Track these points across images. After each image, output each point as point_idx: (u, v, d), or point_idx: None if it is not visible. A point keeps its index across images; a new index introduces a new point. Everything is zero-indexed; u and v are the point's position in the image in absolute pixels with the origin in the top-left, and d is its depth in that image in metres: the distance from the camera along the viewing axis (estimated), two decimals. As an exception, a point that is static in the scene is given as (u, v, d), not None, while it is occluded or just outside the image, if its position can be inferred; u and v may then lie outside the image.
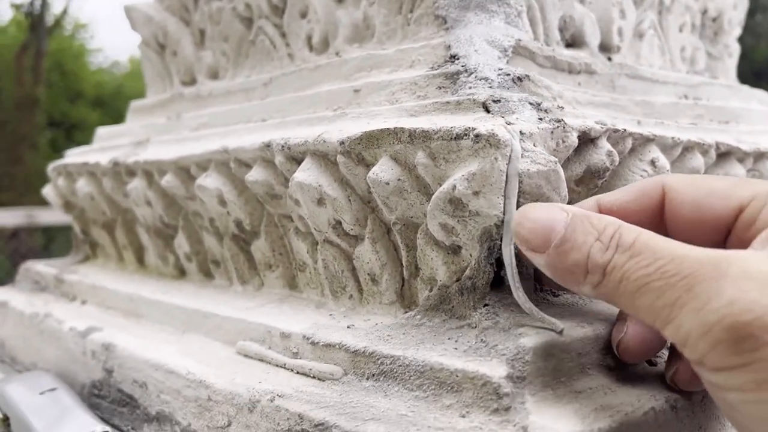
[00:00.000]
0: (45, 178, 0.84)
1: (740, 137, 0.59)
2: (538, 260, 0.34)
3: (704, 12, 0.74)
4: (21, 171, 7.68)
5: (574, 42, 0.57)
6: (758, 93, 0.75)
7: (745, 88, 0.73)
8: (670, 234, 0.35)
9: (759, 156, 0.58)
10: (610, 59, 0.58)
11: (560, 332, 0.37)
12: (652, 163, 0.46)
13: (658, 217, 0.36)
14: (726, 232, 0.33)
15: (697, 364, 0.28)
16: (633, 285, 0.29)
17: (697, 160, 0.51)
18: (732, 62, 0.78)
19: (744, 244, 0.32)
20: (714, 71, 0.74)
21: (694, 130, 0.54)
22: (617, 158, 0.43)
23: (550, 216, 0.34)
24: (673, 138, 0.48)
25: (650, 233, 0.31)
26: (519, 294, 0.37)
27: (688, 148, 0.50)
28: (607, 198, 0.37)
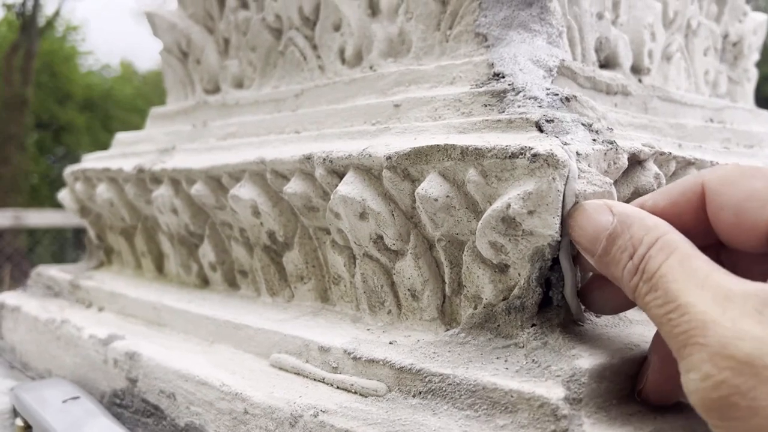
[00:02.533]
0: (31, 178, 0.83)
1: (767, 161, 0.59)
2: (590, 260, 0.36)
3: (725, 36, 0.75)
4: (8, 171, 7.61)
5: (607, 63, 0.58)
6: (776, 118, 0.76)
7: (765, 112, 0.74)
8: (717, 233, 0.34)
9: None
10: (640, 81, 0.59)
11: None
12: (693, 186, 0.47)
13: (703, 219, 0.34)
14: (767, 238, 0.32)
15: None
16: (653, 318, 0.31)
17: (732, 184, 0.51)
18: (750, 87, 0.79)
19: None
20: (734, 95, 0.75)
21: (728, 153, 0.55)
22: (664, 180, 0.43)
23: (596, 222, 0.35)
24: (711, 162, 0.49)
25: (680, 258, 0.31)
26: (572, 299, 0.38)
27: (725, 172, 0.51)
28: (650, 202, 0.36)
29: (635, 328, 0.43)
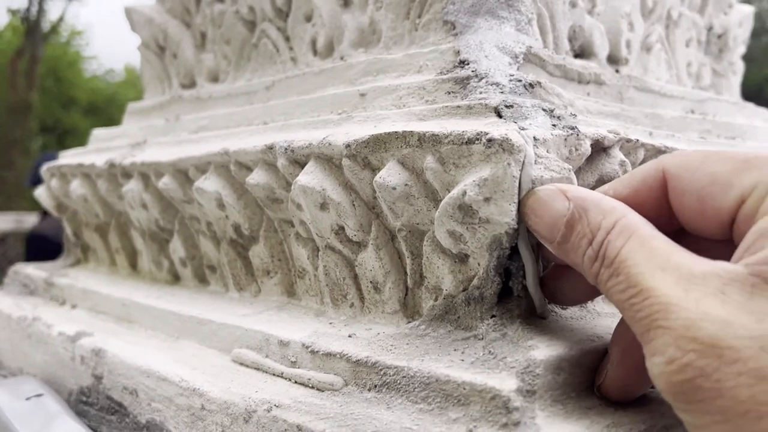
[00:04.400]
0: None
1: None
2: (549, 248, 0.35)
3: (710, 29, 0.73)
4: (11, 175, 7.64)
5: (582, 52, 0.56)
6: (762, 111, 0.75)
7: (750, 105, 0.73)
8: (679, 220, 0.33)
9: (767, 172, 0.57)
10: (617, 71, 0.58)
11: None
12: (664, 175, 0.45)
13: (665, 206, 0.33)
14: (730, 222, 0.31)
15: None
16: (616, 304, 0.30)
17: (707, 174, 0.50)
18: (736, 80, 0.77)
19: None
20: (719, 88, 0.74)
21: (704, 143, 0.54)
22: (630, 168, 0.42)
23: (552, 209, 0.34)
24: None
25: (639, 240, 0.30)
26: (533, 288, 0.37)
27: (699, 161, 0.49)
28: (610, 192, 0.35)
29: (602, 321, 0.42)
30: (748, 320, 0.26)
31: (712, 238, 0.32)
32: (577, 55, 0.56)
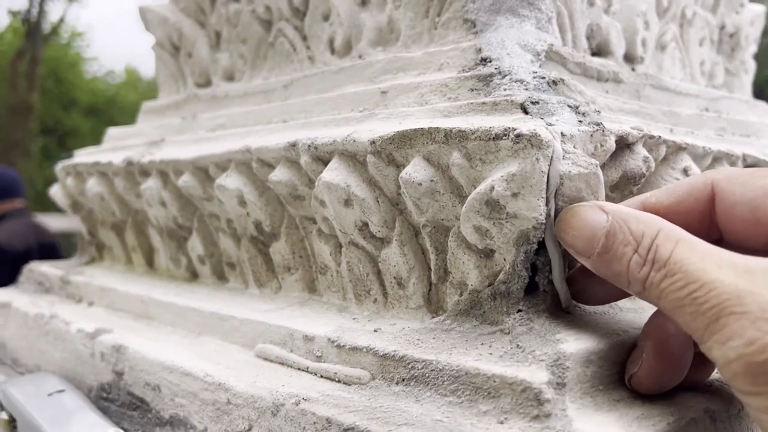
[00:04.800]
0: (36, 184, 0.83)
1: (764, 150, 0.58)
2: (586, 263, 0.35)
3: (722, 27, 0.74)
4: (12, 177, 7.63)
5: (599, 51, 0.57)
6: (774, 109, 0.75)
7: (762, 103, 0.74)
8: (723, 233, 0.35)
9: (783, 170, 0.57)
10: (633, 69, 0.58)
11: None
12: (685, 171, 0.46)
13: (708, 218, 0.35)
14: None
15: (728, 384, 0.30)
16: (670, 304, 0.31)
17: (726, 171, 0.50)
18: (748, 78, 0.78)
19: None
20: (731, 86, 0.74)
21: (722, 141, 0.54)
22: (653, 164, 0.42)
23: (591, 222, 0.34)
24: (704, 147, 0.48)
25: (687, 243, 0.31)
26: (560, 284, 0.38)
27: (718, 158, 0.50)
28: (653, 200, 0.36)
29: (625, 315, 0.42)
30: None
31: (758, 249, 0.34)
32: (594, 54, 0.57)
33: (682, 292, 0.30)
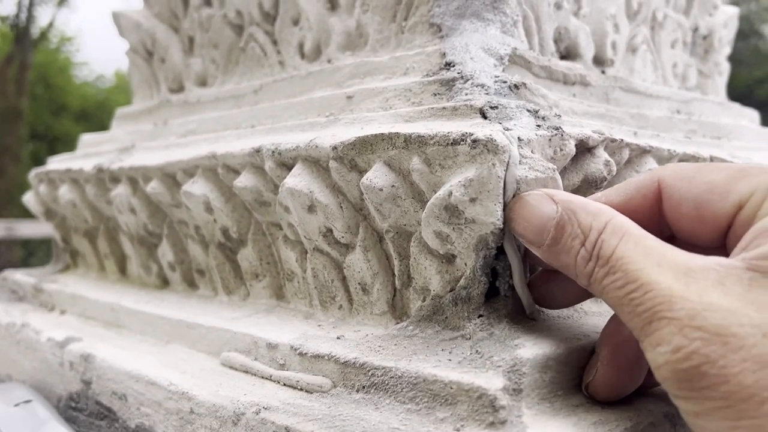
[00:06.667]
0: (26, 190, 0.83)
1: (733, 152, 0.58)
2: (537, 253, 0.35)
3: (695, 30, 0.74)
4: (3, 183, 7.60)
5: (568, 54, 0.57)
6: (748, 111, 0.75)
7: (736, 105, 0.74)
8: (672, 229, 0.34)
9: (752, 172, 0.57)
10: (603, 72, 0.58)
11: None
12: (649, 174, 0.46)
13: (657, 215, 0.35)
14: (726, 228, 0.32)
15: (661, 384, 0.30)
16: (611, 301, 0.31)
17: (692, 173, 0.50)
18: (722, 80, 0.78)
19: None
20: (705, 89, 0.75)
21: (689, 143, 0.54)
22: (614, 168, 0.42)
23: (540, 212, 0.34)
24: (669, 150, 0.48)
25: (633, 239, 0.31)
26: (521, 289, 0.38)
27: (684, 161, 0.50)
28: (603, 199, 0.36)
29: (589, 319, 0.42)
30: (749, 310, 0.27)
31: (705, 246, 0.33)
32: (563, 57, 0.57)
33: (622, 291, 0.30)
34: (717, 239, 0.33)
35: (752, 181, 0.31)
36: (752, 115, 0.75)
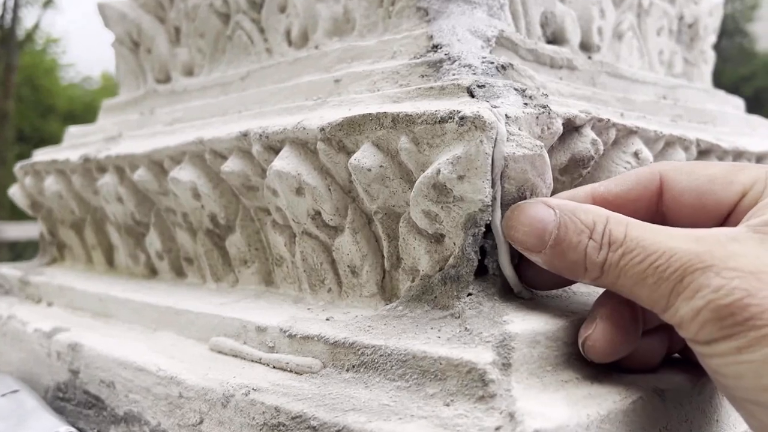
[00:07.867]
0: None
1: (719, 137, 0.59)
2: (536, 258, 0.35)
3: (681, 18, 0.74)
4: (-12, 185, 7.53)
5: (555, 39, 0.57)
6: (732, 98, 0.76)
7: (721, 92, 0.74)
8: (668, 221, 0.36)
9: (738, 155, 0.58)
10: (590, 58, 0.58)
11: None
12: (636, 155, 0.46)
13: (654, 206, 0.36)
14: (726, 216, 0.35)
15: (690, 341, 0.31)
16: (630, 280, 0.32)
17: (679, 155, 0.51)
18: (707, 68, 0.78)
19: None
20: (690, 76, 0.75)
21: (675, 126, 0.54)
22: (602, 147, 0.42)
23: (540, 217, 0.35)
24: (655, 131, 0.48)
25: (637, 224, 0.33)
26: (507, 268, 0.38)
27: (671, 143, 0.50)
28: (601, 188, 0.37)
29: (578, 298, 0.42)
30: None
31: None
32: (549, 42, 0.57)
33: (643, 264, 0.31)
34: (715, 225, 0.34)
35: (752, 172, 0.34)
36: (736, 102, 0.76)
